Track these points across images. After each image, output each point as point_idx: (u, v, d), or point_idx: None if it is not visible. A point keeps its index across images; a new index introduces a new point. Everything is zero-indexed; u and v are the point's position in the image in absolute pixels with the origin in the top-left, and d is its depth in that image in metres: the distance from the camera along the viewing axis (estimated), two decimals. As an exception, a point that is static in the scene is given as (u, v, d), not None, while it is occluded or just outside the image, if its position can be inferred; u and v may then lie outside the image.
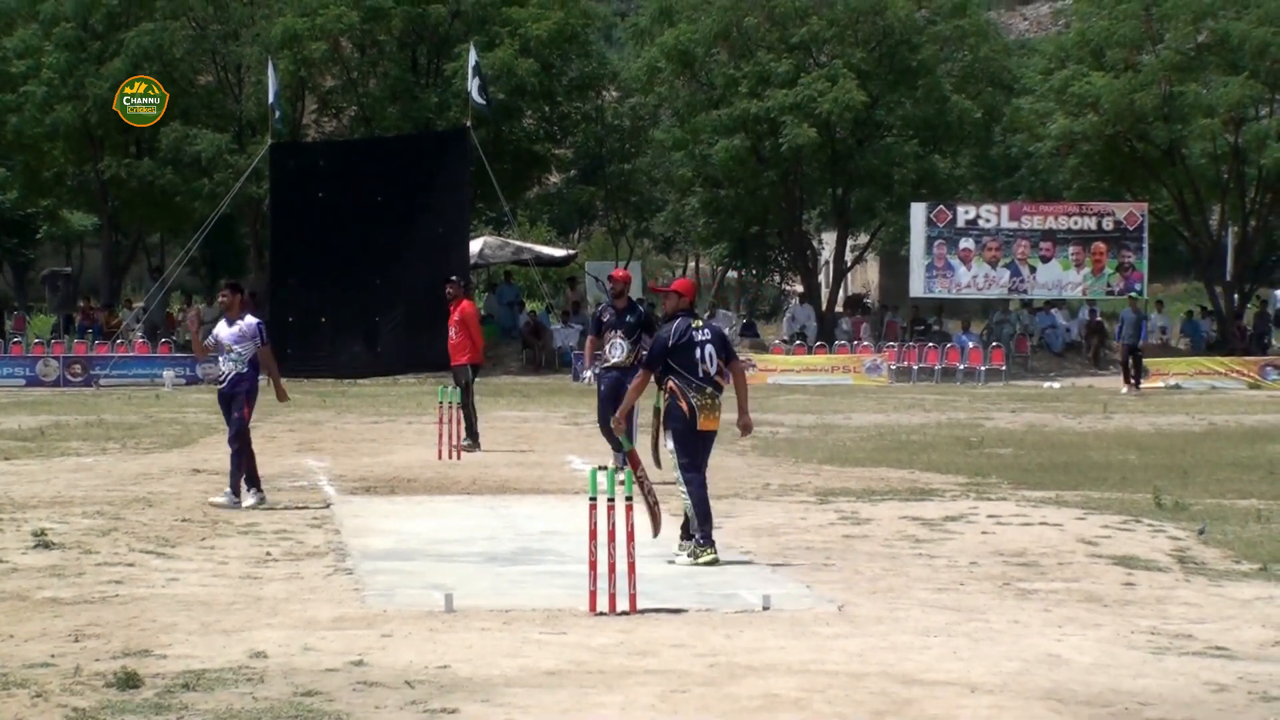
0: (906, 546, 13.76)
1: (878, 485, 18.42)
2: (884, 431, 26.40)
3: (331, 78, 50.49)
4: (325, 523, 15.16)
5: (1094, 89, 46.36)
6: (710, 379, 12.90)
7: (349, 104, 50.69)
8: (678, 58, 48.45)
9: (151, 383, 39.78)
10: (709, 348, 12.90)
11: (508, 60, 46.09)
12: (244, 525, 14.81)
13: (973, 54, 49.95)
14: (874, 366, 43.41)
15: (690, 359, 12.85)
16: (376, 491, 18.02)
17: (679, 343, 12.83)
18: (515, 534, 14.57)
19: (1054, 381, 43.22)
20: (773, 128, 47.27)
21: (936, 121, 48.57)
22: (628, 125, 55.21)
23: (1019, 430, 26.94)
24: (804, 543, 13.94)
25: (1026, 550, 13.52)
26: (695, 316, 13.14)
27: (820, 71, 47.05)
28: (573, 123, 52.98)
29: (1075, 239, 45.97)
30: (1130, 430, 27.07)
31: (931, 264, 46.27)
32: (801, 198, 51.71)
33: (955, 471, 20.01)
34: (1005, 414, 30.97)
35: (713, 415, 12.95)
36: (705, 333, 12.96)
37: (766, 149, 48.44)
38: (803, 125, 45.64)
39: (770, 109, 46.44)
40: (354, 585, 11.75)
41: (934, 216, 46.26)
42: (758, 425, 27.38)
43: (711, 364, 12.90)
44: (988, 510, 15.97)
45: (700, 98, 49.47)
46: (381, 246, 31.18)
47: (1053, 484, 18.55)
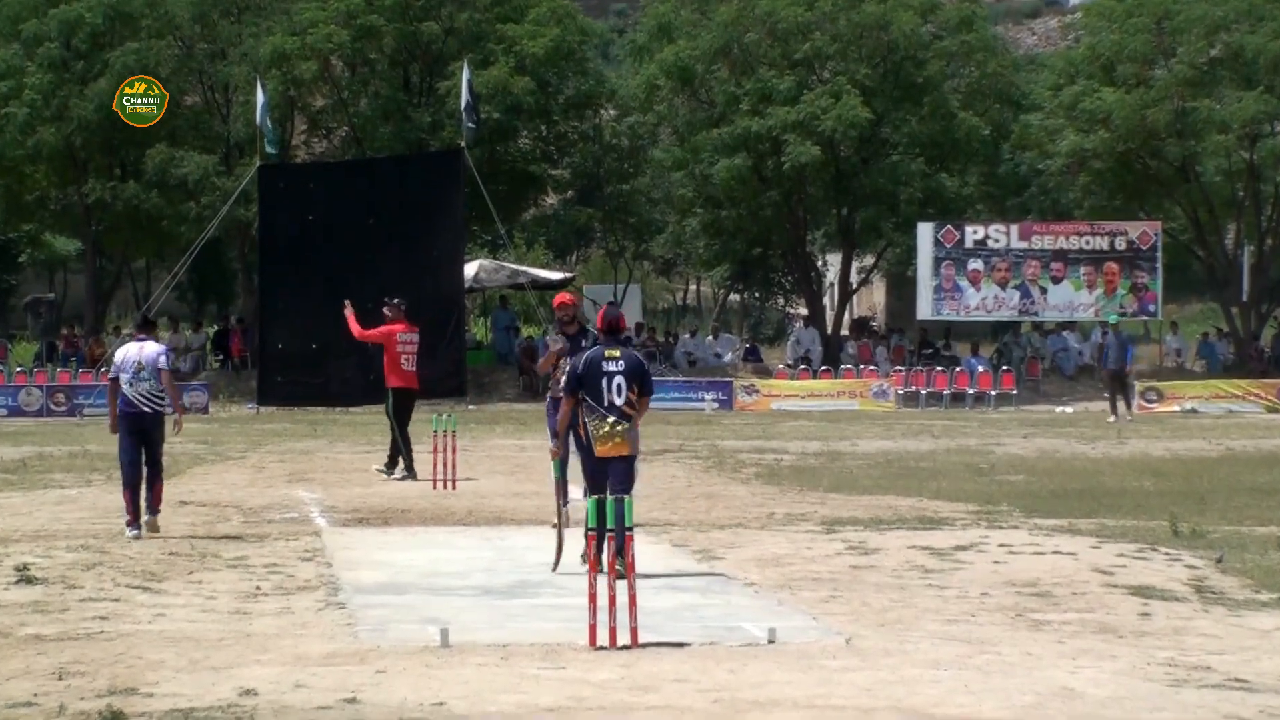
0: (916, 577, 13.75)
1: (885, 514, 18.41)
2: (892, 458, 26.39)
3: (321, 97, 50.55)
4: (316, 555, 15.13)
5: (1105, 105, 46.41)
6: (615, 408, 13.40)
7: (340, 124, 50.76)
8: (677, 75, 48.52)
9: (137, 412, 39.71)
10: (619, 379, 13.40)
11: (503, 78, 46.16)
12: (233, 559, 14.79)
13: (980, 70, 50.00)
14: (881, 391, 43.42)
15: (596, 387, 13.42)
16: (369, 523, 18.01)
17: (586, 373, 13.46)
18: (513, 566, 14.55)
19: (1066, 406, 43.22)
20: (775, 146, 47.30)
21: (943, 139, 48.58)
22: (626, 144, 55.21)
23: (1031, 456, 26.93)
24: (810, 573, 13.92)
25: (1039, 580, 13.50)
26: (617, 344, 13.62)
27: (824, 88, 47.10)
28: (570, 142, 53.00)
29: (1087, 259, 46.01)
30: (1145, 456, 27.06)
31: (939, 285, 46.30)
32: (805, 218, 51.71)
33: (965, 499, 20.00)
34: (1016, 439, 30.96)
35: (610, 442, 13.40)
36: (618, 363, 13.44)
37: (769, 168, 48.46)
38: (806, 143, 45.69)
39: (772, 127, 46.47)
40: (346, 620, 11.73)
41: (941, 237, 46.29)
42: (762, 452, 27.48)
43: (619, 394, 13.41)
44: (999, 539, 15.95)
45: (700, 116, 49.51)
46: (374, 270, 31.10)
47: (1066, 511, 18.54)
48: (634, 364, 13.58)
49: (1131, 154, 47.93)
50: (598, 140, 54.05)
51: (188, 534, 16.61)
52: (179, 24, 49.03)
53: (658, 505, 19.01)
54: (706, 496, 20.52)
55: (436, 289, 31.25)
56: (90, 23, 47.88)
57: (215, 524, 17.66)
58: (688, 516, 18.20)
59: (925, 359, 47.31)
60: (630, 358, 13.64)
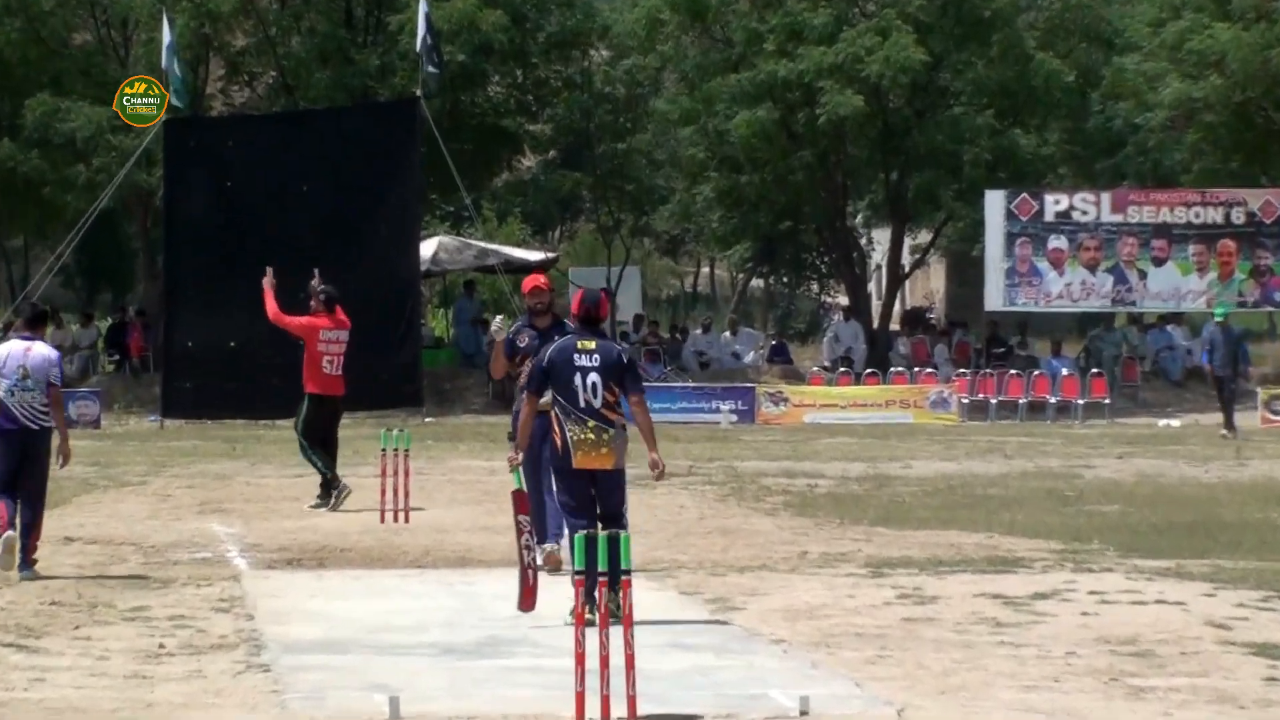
0: (984, 632, 13.74)
1: (946, 553, 18.41)
2: (954, 484, 26.41)
3: (243, 35, 50.59)
4: (235, 605, 15.12)
5: (1218, 44, 46.45)
6: (594, 410, 13.98)
7: (266, 68, 50.79)
8: (686, 7, 48.53)
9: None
10: (593, 375, 13.98)
11: (469, 12, 46.12)
12: (130, 610, 14.75)
13: (1062, 1, 50.04)
14: (941, 400, 43.44)
15: (569, 386, 14.02)
16: (301, 564, 18.00)
17: (555, 367, 14.09)
18: (480, 618, 14.52)
19: (1171, 419, 43.23)
20: (808, 95, 47.34)
21: (1016, 87, 48.61)
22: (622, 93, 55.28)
23: (1128, 481, 26.94)
24: (852, 628, 13.92)
25: (1139, 636, 13.49)
26: (593, 335, 14.24)
27: (868, 24, 47.12)
28: (552, 91, 53.07)
29: (1197, 235, 46.04)
30: (1271, 481, 27.07)
31: (1013, 268, 46.30)
32: (845, 185, 51.81)
33: (1046, 535, 19.99)
34: (1110, 460, 30.98)
35: (595, 452, 14.01)
36: (593, 357, 14.03)
37: (800, 122, 48.51)
38: (846, 92, 45.71)
39: (804, 72, 46.47)
40: (272, 685, 11.68)
41: (1015, 208, 46.28)
42: (792, 476, 27.46)
43: (595, 395, 13.99)
44: (1089, 585, 15.95)
45: (715, 58, 49.55)
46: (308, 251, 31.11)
47: (1173, 550, 18.52)
48: (612, 357, 14.11)
49: (1251, 105, 47.99)
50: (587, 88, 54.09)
51: (73, 577, 16.56)
52: (66, -55, 49.02)
53: (662, 543, 19.01)
54: (723, 532, 20.52)
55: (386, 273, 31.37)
56: (-45, -58, 47.94)
57: (108, 566, 17.65)
58: (699, 556, 18.20)
59: (995, 360, 47.34)
60: (608, 350, 14.19)
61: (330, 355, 23.11)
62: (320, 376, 23.01)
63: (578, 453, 14.01)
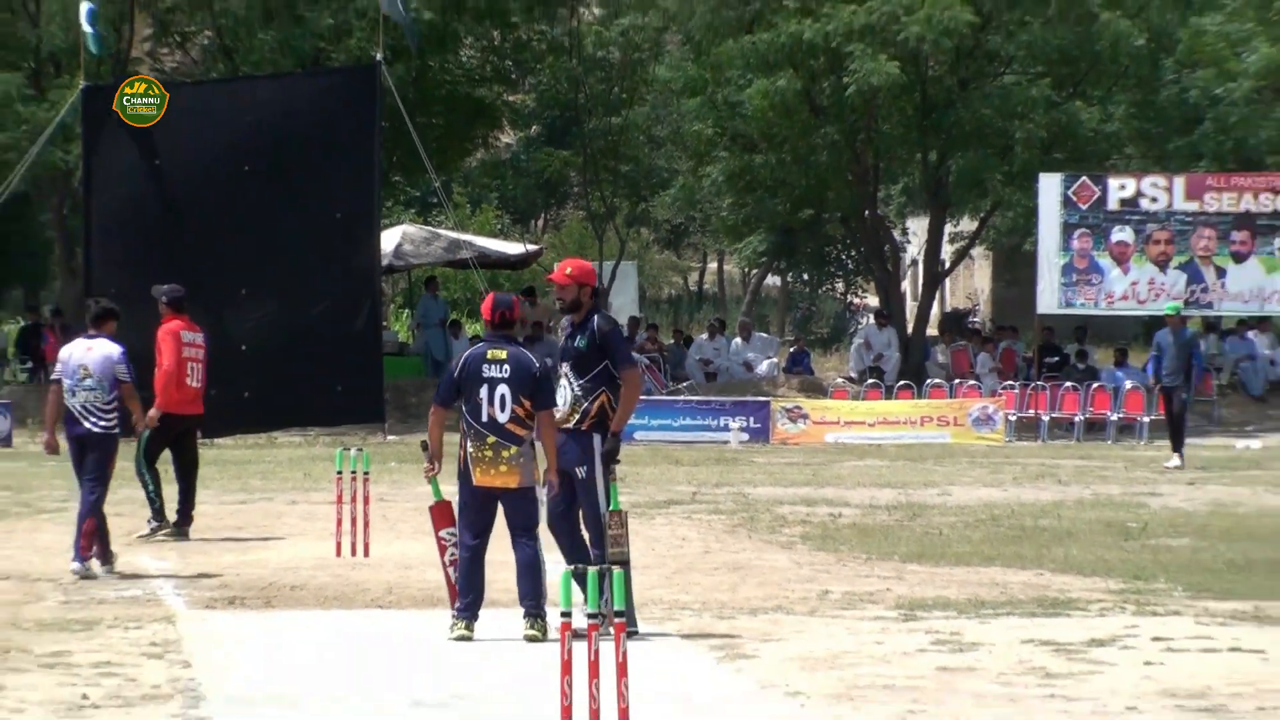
0: (1033, 684, 13.84)
1: (989, 593, 18.53)
2: (999, 514, 26.50)
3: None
4: (169, 650, 15.21)
5: (1314, 2, 46.60)
6: (496, 425, 15.31)
7: (200, 28, 50.87)
8: (692, -43, 48.67)
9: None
10: (502, 388, 15.27)
11: (437, -37, 46.31)
12: (49, 655, 14.88)
13: (1133, -50, 50.18)
14: (985, 417, 43.58)
15: (473, 398, 15.40)
16: (245, 604, 18.10)
17: (464, 377, 15.44)
18: (451, 665, 14.65)
19: (1252, 439, 43.34)
20: (835, 62, 47.41)
21: (1078, 52, 48.68)
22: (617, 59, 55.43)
23: (1200, 512, 27.03)
24: (880, 679, 14.03)
25: (1210, 689, 13.59)
26: (506, 343, 15.56)
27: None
28: (534, 55, 53.20)
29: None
30: (1366, 511, 27.18)
31: (1070, 264, 46.43)
32: (877, 166, 51.92)
33: (1105, 573, 20.11)
34: (1180, 487, 31.07)
35: (493, 470, 15.33)
36: (503, 368, 15.33)
37: (825, 93, 48.62)
38: (879, 58, 45.76)
39: (831, 34, 46.53)
40: (213, 743, 11.81)
41: (1074, 193, 46.39)
42: (812, 504, 27.59)
43: (503, 408, 15.31)
44: (1153, 630, 16.05)
45: (726, 16, 49.56)
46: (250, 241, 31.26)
47: (1249, 591, 18.63)
48: (523, 369, 15.32)
49: (1353, 74, 48.11)
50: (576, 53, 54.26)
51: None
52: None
53: (662, 580, 19.13)
54: (731, 568, 20.62)
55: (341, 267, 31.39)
56: None
57: (22, 606, 17.72)
58: (704, 596, 18.30)
59: (1048, 371, 47.44)
60: (519, 360, 15.34)
61: (192, 359, 23.53)
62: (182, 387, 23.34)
63: (475, 469, 15.33)
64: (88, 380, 19.85)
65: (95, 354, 19.98)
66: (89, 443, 19.94)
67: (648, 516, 25.14)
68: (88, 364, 19.93)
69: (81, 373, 19.90)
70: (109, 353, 19.98)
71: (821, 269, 73.89)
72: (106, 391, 19.85)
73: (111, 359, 19.92)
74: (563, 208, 74.19)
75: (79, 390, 19.84)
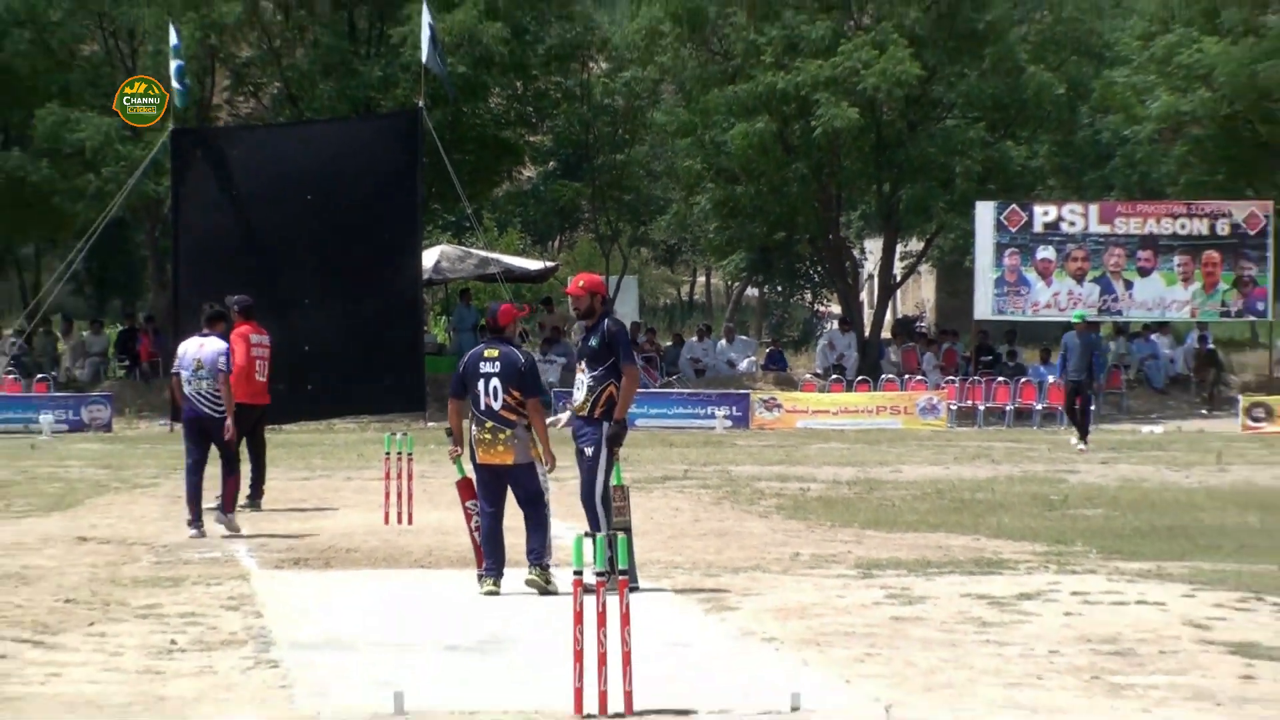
0: (971, 631, 13.82)
1: (934, 555, 18.49)
2: (942, 488, 26.45)
3: (249, 47, 50.58)
4: (244, 603, 15.20)
5: (1206, 58, 46.47)
6: (491, 412, 15.72)
7: (271, 79, 50.78)
8: (685, 19, 48.44)
9: (25, 429, 39.77)
10: (494, 381, 15.72)
11: (470, 24, 46.12)
12: (142, 607, 14.85)
13: (1055, 14, 50.03)
14: (930, 407, 43.50)
15: (475, 390, 15.84)
16: (308, 565, 18.08)
17: (466, 373, 15.95)
18: (482, 615, 14.62)
19: (1155, 425, 43.28)
20: (804, 108, 47.29)
21: (1008, 99, 48.57)
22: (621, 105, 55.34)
23: (1111, 486, 26.97)
24: (842, 627, 14.00)
25: (1120, 635, 13.57)
26: (498, 343, 16.02)
27: (865, 37, 47.07)
28: (552, 102, 53.08)
29: (1182, 246, 46.06)
30: (1250, 486, 27.12)
31: (1001, 278, 46.36)
32: (839, 196, 51.80)
33: (1031, 538, 20.07)
34: (1094, 466, 31.00)
35: (492, 450, 15.72)
36: (495, 364, 15.79)
37: (796, 134, 48.49)
38: (842, 105, 45.67)
39: (801, 84, 46.42)
40: (280, 681, 11.78)
41: (1005, 219, 46.35)
42: (785, 480, 27.54)
43: (495, 398, 15.72)
44: (1072, 586, 16.02)
45: (713, 70, 49.48)
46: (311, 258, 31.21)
47: (1153, 553, 18.60)
48: (510, 364, 15.76)
49: (1238, 118, 48.01)
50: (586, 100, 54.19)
51: (88, 578, 16.64)
52: (75, -44, 48.96)
53: (658, 544, 19.09)
54: (717, 534, 20.57)
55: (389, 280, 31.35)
56: (-34, -44, 47.96)
57: (121, 566, 17.70)
58: (694, 558, 18.27)
59: (984, 368, 47.35)
60: (508, 357, 15.80)
61: (260, 358, 23.41)
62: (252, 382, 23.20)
63: (479, 450, 15.75)
64: (200, 371, 20.64)
65: (206, 350, 20.77)
66: (207, 426, 20.65)
67: (646, 490, 25.09)
68: (200, 358, 20.71)
69: (195, 365, 20.70)
70: (217, 348, 20.79)
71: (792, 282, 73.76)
72: (215, 381, 20.62)
73: (218, 354, 20.74)
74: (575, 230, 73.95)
75: (193, 380, 20.63)
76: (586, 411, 15.88)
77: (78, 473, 29.02)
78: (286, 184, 32.08)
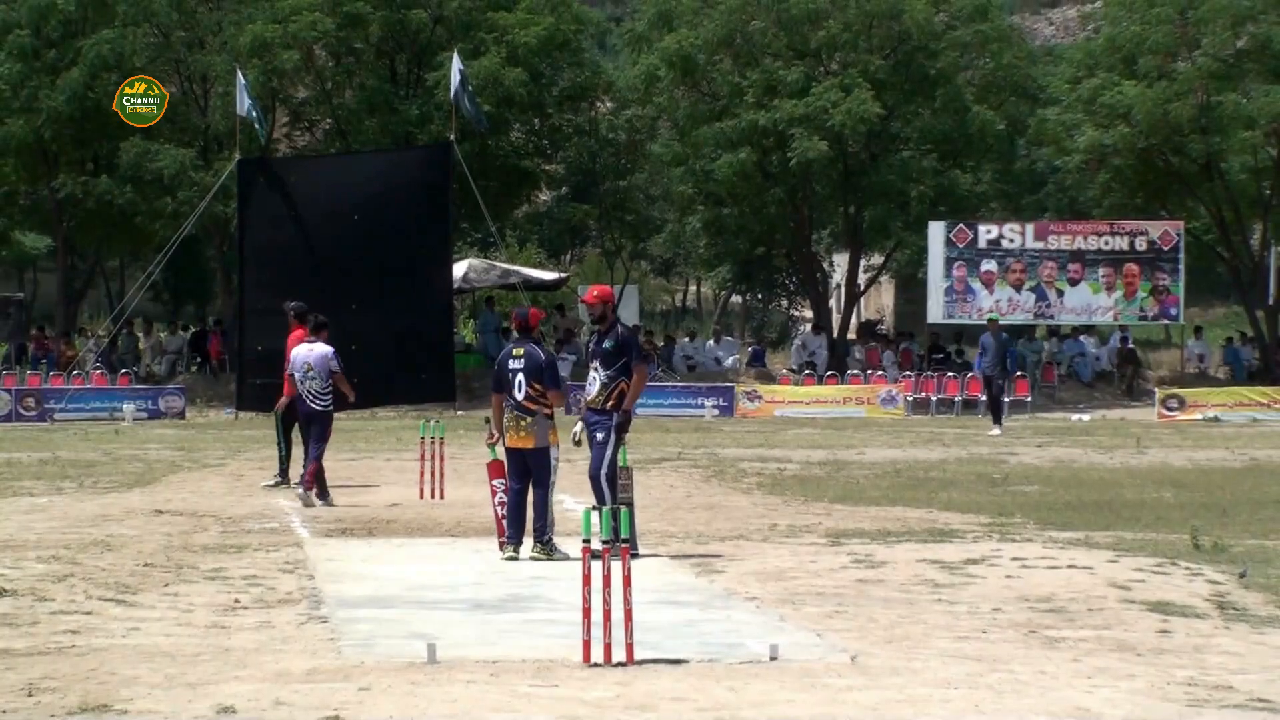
0: (925, 592, 13.78)
1: (893, 526, 18.44)
2: (900, 468, 26.44)
3: (304, 88, 50.56)
4: (298, 567, 15.16)
5: (1125, 99, 46.45)
6: (518, 404, 15.75)
7: (323, 116, 50.77)
8: (678, 65, 48.46)
9: (110, 417, 39.73)
10: (520, 376, 15.74)
11: (494, 69, 46.14)
12: (210, 570, 14.81)
13: (995, 61, 50.00)
14: (890, 398, 43.44)
15: (507, 384, 15.86)
16: (353, 534, 18.04)
17: (499, 370, 16.04)
18: (503, 579, 14.59)
19: (1083, 414, 43.26)
20: (780, 141, 47.31)
21: (956, 134, 48.57)
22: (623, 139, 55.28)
23: (1045, 466, 26.97)
24: (814, 588, 13.95)
25: (1054, 595, 13.53)
26: (524, 342, 16.00)
27: (833, 80, 47.08)
28: (564, 136, 53.04)
29: (1106, 260, 46.09)
30: (1165, 466, 27.11)
31: (951, 287, 46.37)
32: (811, 216, 51.76)
33: (977, 511, 20.03)
34: (1031, 449, 30.99)
35: (518, 435, 15.79)
36: (520, 361, 15.80)
37: (774, 164, 48.48)
38: (813, 138, 45.68)
39: (778, 121, 46.45)
40: (329, 634, 11.75)
41: (954, 236, 46.36)
42: (765, 461, 27.51)
43: (519, 390, 15.73)
44: (1012, 552, 15.98)
45: (702, 109, 49.46)
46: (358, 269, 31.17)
47: (1082, 524, 18.57)
48: (533, 361, 15.76)
49: (1153, 150, 47.97)
50: (593, 134, 54.12)
51: (163, 545, 16.60)
52: (155, 11, 48.76)
53: (655, 516, 19.05)
54: (706, 507, 20.55)
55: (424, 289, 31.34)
56: (63, 9, 47.80)
57: (192, 534, 17.67)
58: (687, 528, 18.23)
59: (936, 364, 47.34)
60: (531, 355, 15.81)
61: None
62: None
63: (507, 433, 15.89)
64: (311, 373, 21.02)
65: (315, 353, 21.08)
66: (314, 417, 21.05)
67: (645, 470, 25.05)
68: (310, 361, 21.06)
69: (306, 368, 21.06)
70: (324, 352, 21.08)
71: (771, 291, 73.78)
72: (323, 380, 21.01)
73: (326, 356, 21.04)
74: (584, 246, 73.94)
75: (305, 380, 21.04)
76: (600, 403, 15.93)
77: (155, 454, 28.99)
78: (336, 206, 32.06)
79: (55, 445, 31.21)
